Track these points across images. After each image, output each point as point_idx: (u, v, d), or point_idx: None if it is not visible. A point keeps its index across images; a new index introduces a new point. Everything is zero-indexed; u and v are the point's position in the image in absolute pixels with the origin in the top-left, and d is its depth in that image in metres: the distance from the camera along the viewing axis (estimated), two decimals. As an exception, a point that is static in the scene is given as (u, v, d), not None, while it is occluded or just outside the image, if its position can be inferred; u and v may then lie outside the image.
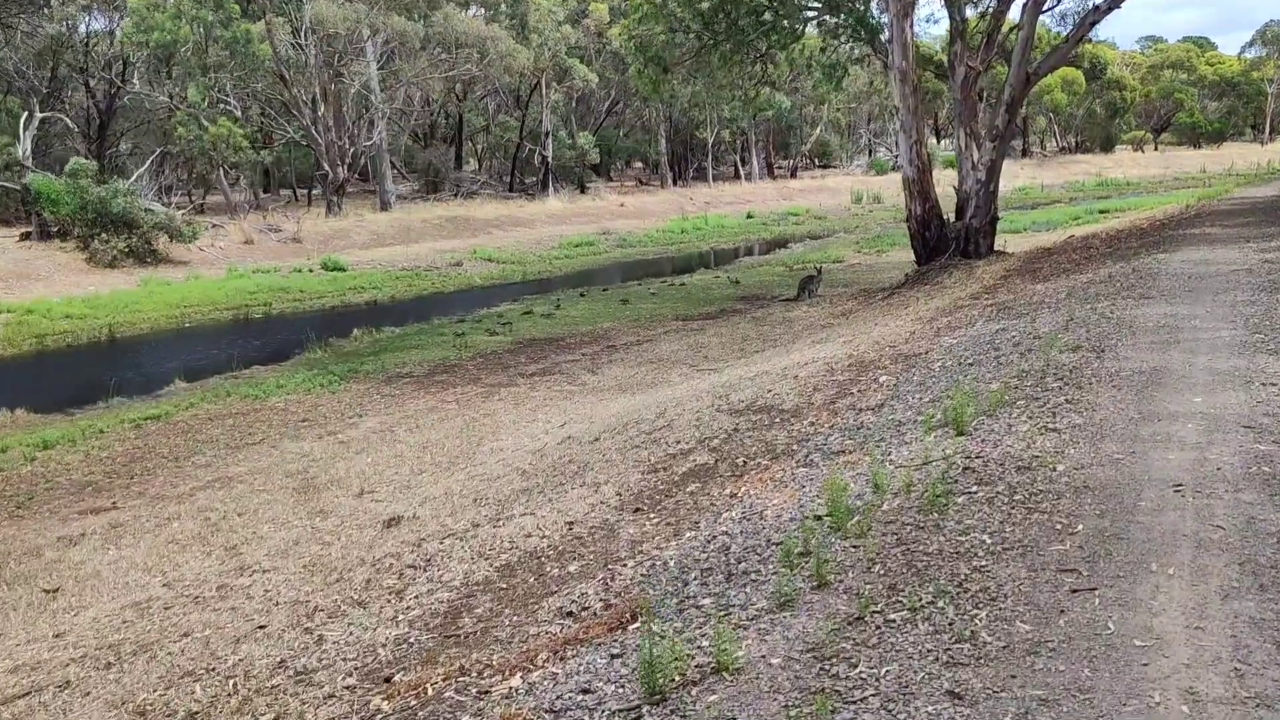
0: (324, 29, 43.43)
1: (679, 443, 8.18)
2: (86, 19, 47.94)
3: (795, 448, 6.83)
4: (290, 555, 8.06)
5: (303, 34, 45.40)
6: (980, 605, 3.70)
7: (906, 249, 25.23)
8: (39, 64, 47.80)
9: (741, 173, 73.80)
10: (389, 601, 5.95)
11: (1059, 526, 4.34)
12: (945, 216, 23.13)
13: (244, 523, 9.86)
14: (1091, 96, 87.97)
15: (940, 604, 3.78)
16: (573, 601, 4.91)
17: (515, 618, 5.02)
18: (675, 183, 71.81)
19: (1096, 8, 21.37)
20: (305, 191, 59.30)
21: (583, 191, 61.71)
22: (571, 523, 6.55)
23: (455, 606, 5.51)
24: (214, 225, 40.44)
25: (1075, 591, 3.76)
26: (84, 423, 15.87)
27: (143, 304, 28.62)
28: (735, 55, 28.40)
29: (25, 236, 36.61)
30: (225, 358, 21.68)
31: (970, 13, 25.16)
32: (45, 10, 45.66)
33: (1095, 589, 3.77)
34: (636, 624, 4.15)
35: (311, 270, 35.38)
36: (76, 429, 15.36)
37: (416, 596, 5.89)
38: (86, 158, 50.00)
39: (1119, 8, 20.84)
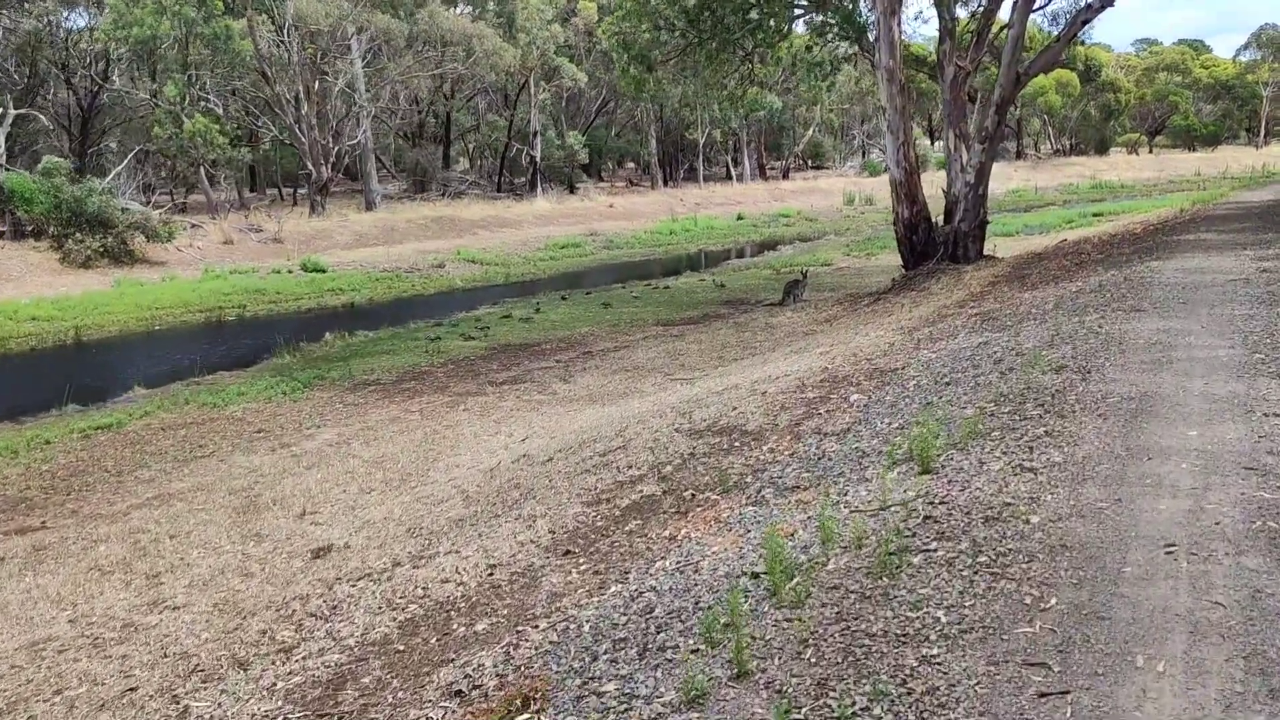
0: (306, 25, 42.72)
1: (630, 468, 7.55)
2: (66, 14, 47.29)
3: (749, 480, 6.20)
4: (209, 589, 7.42)
5: (285, 30, 44.74)
6: (924, 715, 3.05)
7: (896, 252, 24.64)
8: (19, 60, 47.12)
9: (733, 174, 73.24)
10: (274, 662, 5.31)
11: (1029, 600, 3.69)
12: (934, 220, 22.51)
13: (174, 547, 9.20)
14: (1086, 99, 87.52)
15: (876, 710, 3.13)
16: (466, 675, 4.26)
17: (400, 693, 4.38)
18: (666, 183, 71.20)
19: (1089, 6, 20.77)
20: (291, 191, 58.61)
21: (572, 192, 61.10)
22: (494, 566, 5.92)
23: (341, 674, 4.87)
24: (193, 225, 39.73)
25: (1043, 696, 3.11)
26: (31, 432, 15.20)
27: (114, 306, 27.93)
28: (721, 54, 27.78)
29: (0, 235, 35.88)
30: (191, 362, 21.02)
31: (960, 12, 24.59)
32: (25, 5, 44.98)
33: (1068, 692, 3.12)
34: (526, 715, 3.52)
35: (290, 271, 34.70)
36: (22, 439, 14.69)
37: (305, 657, 5.25)
38: (67, 156, 49.41)
39: (1111, 5, 20.25)
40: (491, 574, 5.75)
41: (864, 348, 11.75)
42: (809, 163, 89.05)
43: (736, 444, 7.42)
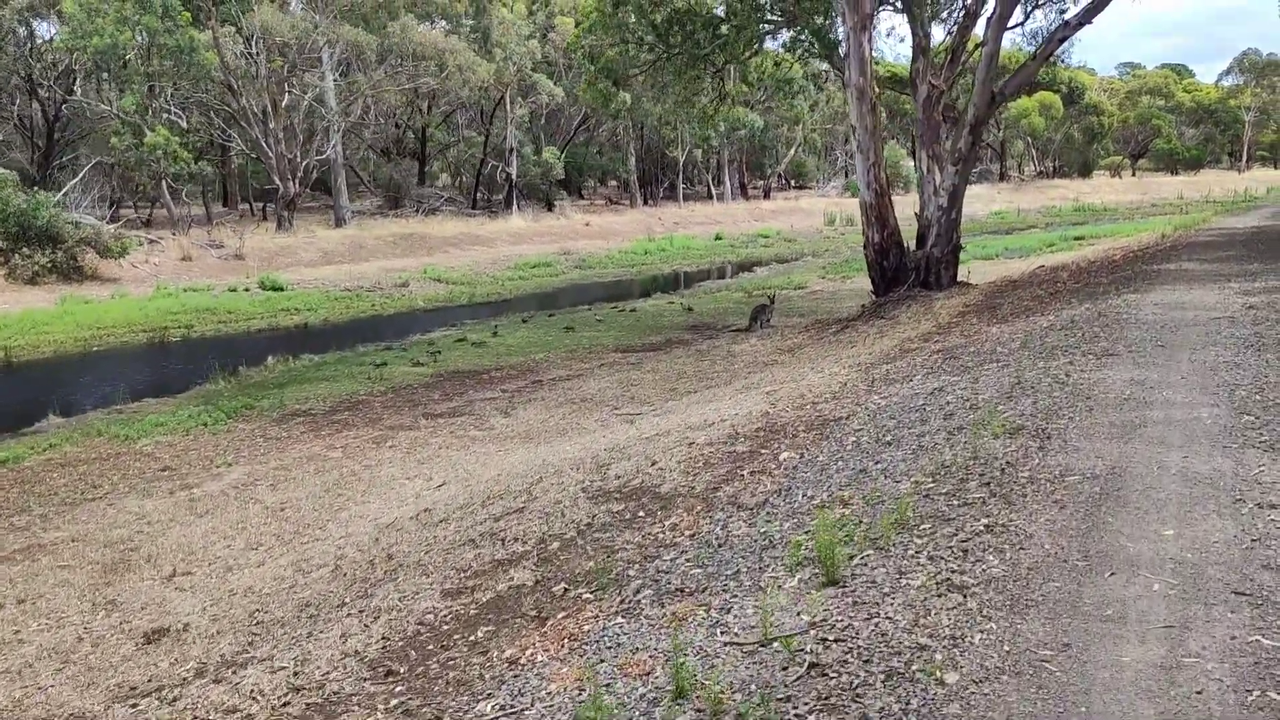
0: (270, 38, 41.68)
1: (517, 540, 6.50)
2: (36, 24, 46.05)
3: (632, 573, 5.15)
4: (17, 680, 6.31)
5: (253, 42, 43.69)
6: None
7: (869, 277, 23.64)
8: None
9: (714, 193, 72.38)
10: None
11: None
12: (906, 244, 21.56)
13: (16, 616, 8.07)
14: (1069, 121, 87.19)
15: None
16: None
17: None
18: (646, 202, 70.30)
19: (1066, 24, 19.89)
20: (262, 206, 57.41)
21: (549, 210, 60.09)
22: (298, 690, 4.84)
23: None
24: (150, 240, 38.58)
25: None
26: (-83, 468, 14.00)
27: (54, 325, 26.71)
28: (690, 70, 26.86)
29: (-55, 249, 34.57)
30: (120, 387, 19.87)
31: (936, 30, 23.72)
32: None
33: None
34: None
35: (248, 289, 33.55)
36: (-96, 476, 13.50)
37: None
38: (30, 168, 48.14)
39: (1089, 23, 19.37)
40: (287, 704, 4.67)
41: (815, 387, 10.71)
42: (791, 182, 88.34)
43: (641, 514, 6.38)
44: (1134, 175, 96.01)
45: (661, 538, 5.65)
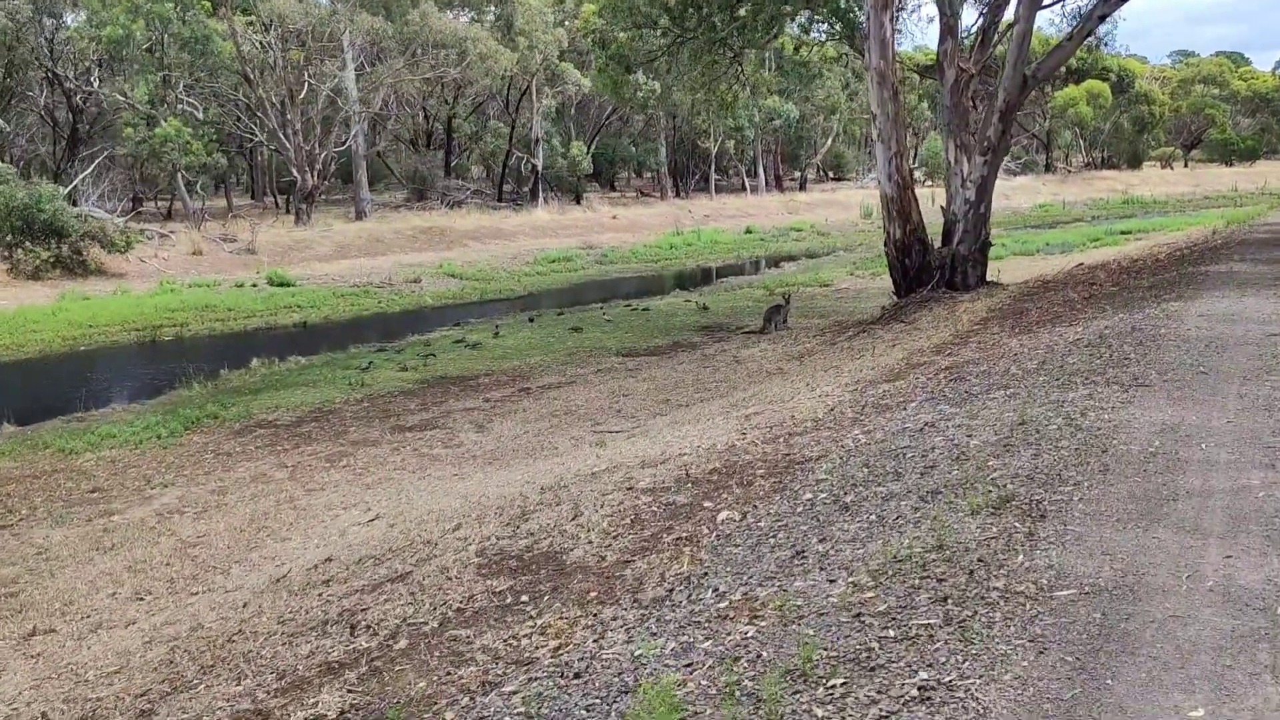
0: (284, 26, 40.69)
1: (368, 628, 5.21)
2: (63, 15, 45.25)
3: (469, 704, 3.81)
4: None
5: (270, 30, 42.73)
6: None
7: (897, 274, 22.02)
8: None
9: (747, 185, 70.68)
10: None
11: None
12: (933, 241, 19.98)
13: None
14: (1118, 110, 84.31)
15: None
16: None
17: None
18: (677, 194, 68.76)
19: (1105, 0, 18.17)
20: (286, 199, 56.57)
21: (577, 202, 58.78)
22: None
23: None
24: (161, 234, 37.76)
25: None
26: None
27: (46, 322, 25.81)
28: (707, 54, 25.38)
29: (-49, 244, 33.91)
30: (89, 391, 18.83)
31: (966, 10, 22.03)
32: None
33: None
34: None
35: (255, 285, 32.57)
36: None
37: None
38: (51, 161, 47.63)
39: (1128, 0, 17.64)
40: None
41: (800, 410, 9.28)
42: (829, 174, 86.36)
43: (524, 599, 5.04)
44: (1186, 166, 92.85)
45: (520, 649, 4.28)
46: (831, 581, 4.03)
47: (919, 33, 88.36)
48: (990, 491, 4.78)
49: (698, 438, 8.94)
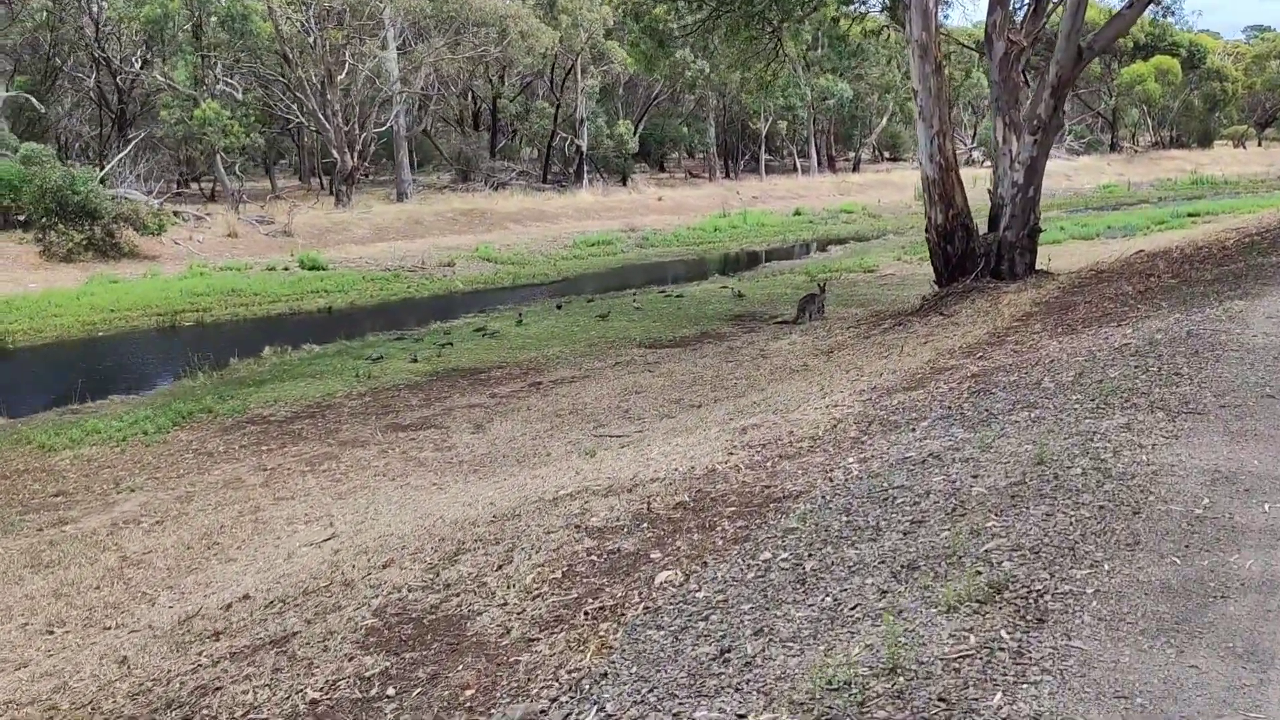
0: (322, 4, 40.00)
1: (213, 716, 4.26)
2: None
3: None
4: None
5: (309, 9, 42.08)
6: None
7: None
8: (39, 44, 45.31)
9: (799, 165, 69.03)
10: None
11: None
12: (978, 226, 18.66)
13: None
14: (1188, 88, 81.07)
15: None
16: None
17: None
18: (728, 175, 67.37)
19: (1172, -37, 16.66)
20: (331, 180, 56.12)
21: (624, 183, 57.64)
22: None
23: None
24: (196, 216, 37.35)
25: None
26: None
27: (68, 307, 25.39)
28: (745, 29, 24.19)
29: (-11, 226, 33.78)
30: (95, 380, 18.24)
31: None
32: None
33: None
34: None
35: (286, 268, 32.00)
36: None
37: None
38: (96, 143, 47.50)
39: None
40: None
41: (802, 425, 8.20)
42: (884, 154, 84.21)
43: (382, 697, 4.07)
44: (1260, 145, 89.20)
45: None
46: (741, 717, 2.98)
47: (969, 2, 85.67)
48: (979, 573, 3.68)
49: (683, 455, 7.90)
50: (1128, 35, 73.90)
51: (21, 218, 33.05)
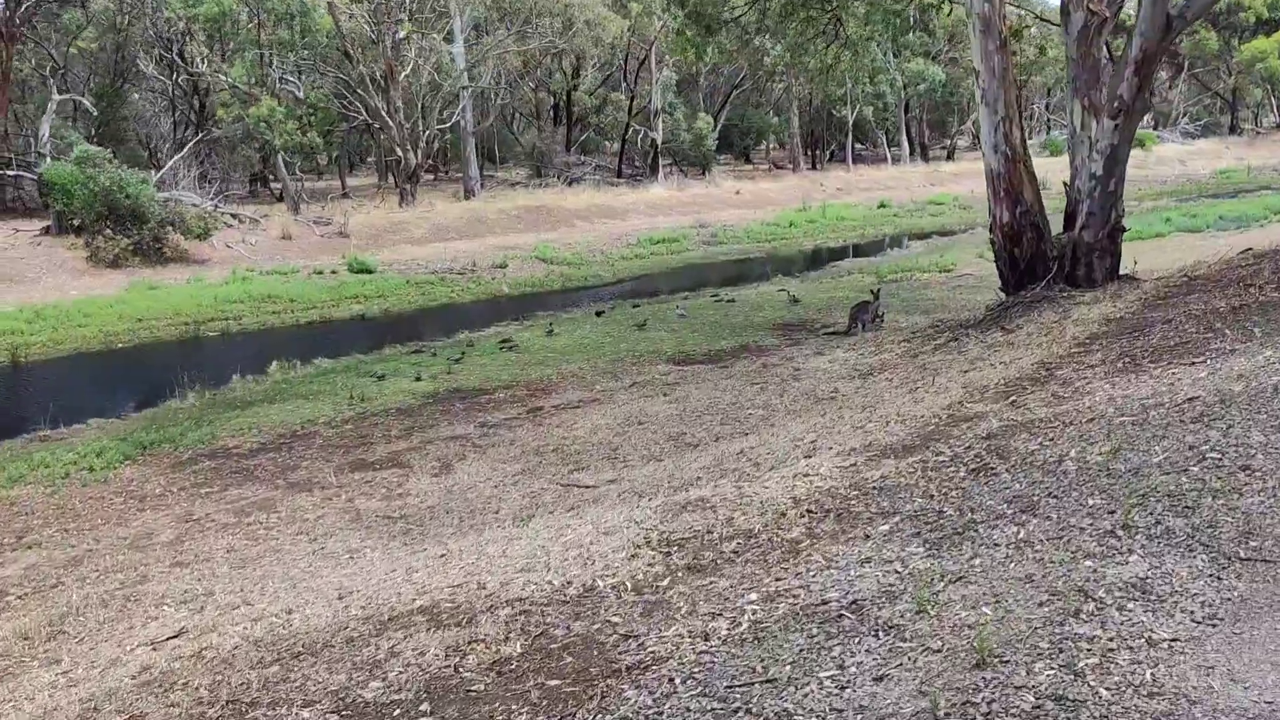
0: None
1: None
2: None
3: None
4: None
5: (371, 3, 41.07)
6: None
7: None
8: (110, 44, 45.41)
9: (889, 155, 66.05)
10: None
11: None
12: (1049, 225, 16.33)
13: None
14: (1318, 63, 75.25)
15: None
16: None
17: None
18: (813, 166, 64.83)
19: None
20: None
21: (704, 176, 55.58)
22: None
23: None
24: (252, 219, 36.63)
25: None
26: None
27: (97, 316, 24.61)
28: (801, 9, 22.10)
29: (46, 231, 33.51)
30: (84, 400, 17.20)
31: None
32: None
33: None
34: None
35: (334, 271, 30.97)
36: None
37: None
38: (172, 144, 47.37)
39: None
40: None
41: (748, 510, 6.31)
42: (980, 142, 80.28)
43: None
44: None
45: None
46: None
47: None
48: None
49: (581, 552, 6.07)
50: (1248, 8, 68.81)
51: (77, 222, 32.69)
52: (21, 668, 7.01)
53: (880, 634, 3.59)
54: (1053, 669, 3.00)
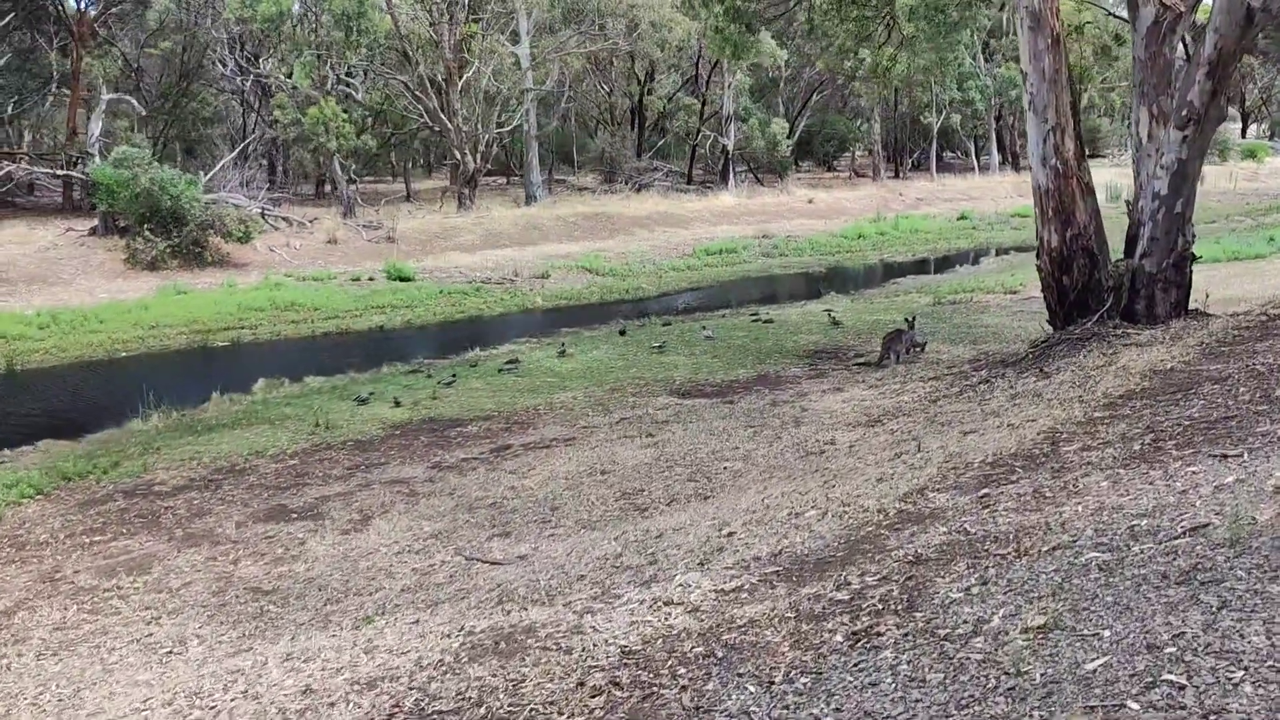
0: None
1: None
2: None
3: None
4: None
5: (430, 1, 40.16)
6: None
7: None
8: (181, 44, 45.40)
9: (976, 164, 63.08)
10: None
11: None
12: (1108, 250, 14.20)
13: None
14: None
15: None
16: None
17: None
18: (896, 174, 62.23)
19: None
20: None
21: (781, 180, 53.46)
22: None
23: None
24: (300, 222, 35.90)
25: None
26: None
27: (114, 322, 23.87)
28: (851, 5, 20.24)
29: (92, 232, 33.20)
30: (56, 417, 16.23)
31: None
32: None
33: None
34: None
35: (371, 278, 29.95)
36: None
37: None
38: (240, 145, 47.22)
39: None
40: None
41: (580, 651, 4.61)
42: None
43: None
44: None
45: None
46: None
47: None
48: None
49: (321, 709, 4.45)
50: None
51: (122, 223, 32.30)
52: None
53: None
54: None
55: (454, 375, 17.43)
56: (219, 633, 7.43)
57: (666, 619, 4.95)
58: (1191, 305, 13.75)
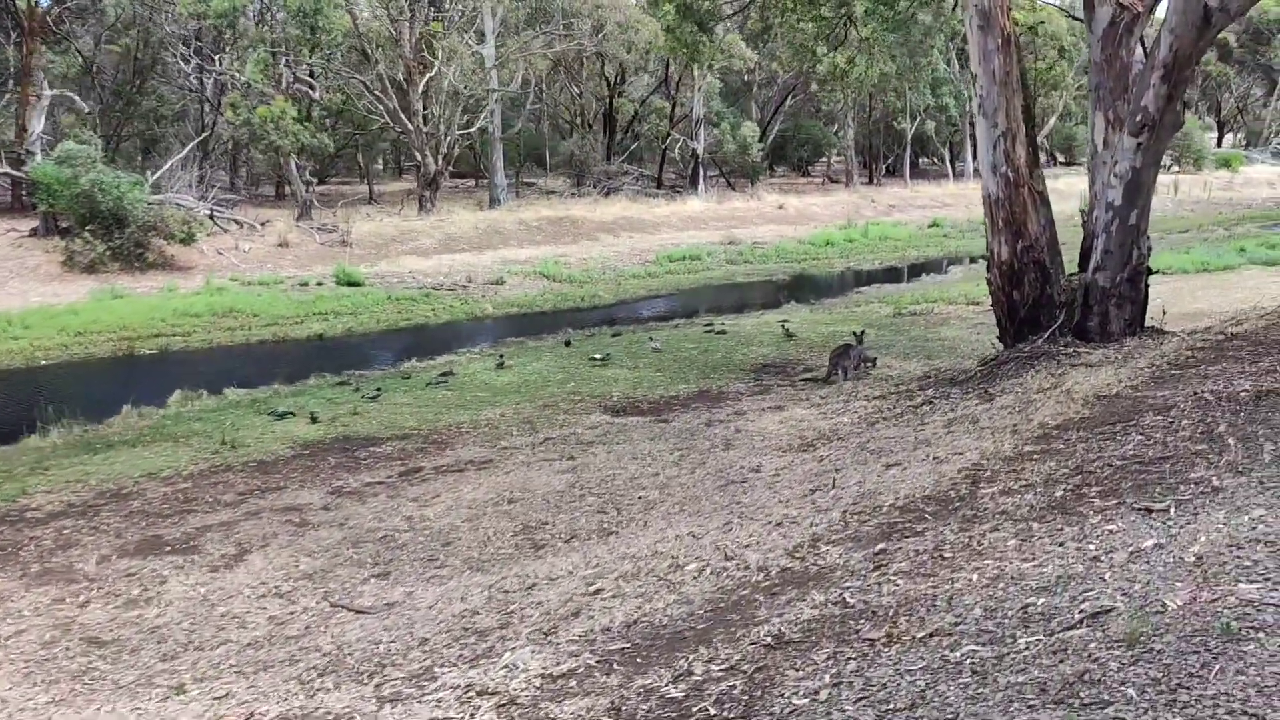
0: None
1: None
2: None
3: None
4: None
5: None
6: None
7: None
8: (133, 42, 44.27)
9: (951, 171, 62.54)
10: None
11: None
12: (1061, 264, 13.49)
13: None
14: None
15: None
16: None
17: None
18: (870, 180, 61.57)
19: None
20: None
21: (752, 185, 52.71)
22: None
23: None
24: (251, 224, 34.87)
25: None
26: None
27: (37, 328, 22.82)
28: (807, 6, 19.49)
29: (33, 233, 32.08)
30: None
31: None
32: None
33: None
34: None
35: (319, 283, 28.98)
36: None
37: None
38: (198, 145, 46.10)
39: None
40: None
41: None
42: (1058, 158, 76.06)
43: None
44: None
45: None
46: None
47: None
48: None
49: None
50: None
51: (64, 224, 31.22)
52: None
53: None
54: None
55: (379, 389, 16.54)
56: (27, 695, 6.53)
57: (472, 715, 4.11)
58: (1149, 322, 13.04)
